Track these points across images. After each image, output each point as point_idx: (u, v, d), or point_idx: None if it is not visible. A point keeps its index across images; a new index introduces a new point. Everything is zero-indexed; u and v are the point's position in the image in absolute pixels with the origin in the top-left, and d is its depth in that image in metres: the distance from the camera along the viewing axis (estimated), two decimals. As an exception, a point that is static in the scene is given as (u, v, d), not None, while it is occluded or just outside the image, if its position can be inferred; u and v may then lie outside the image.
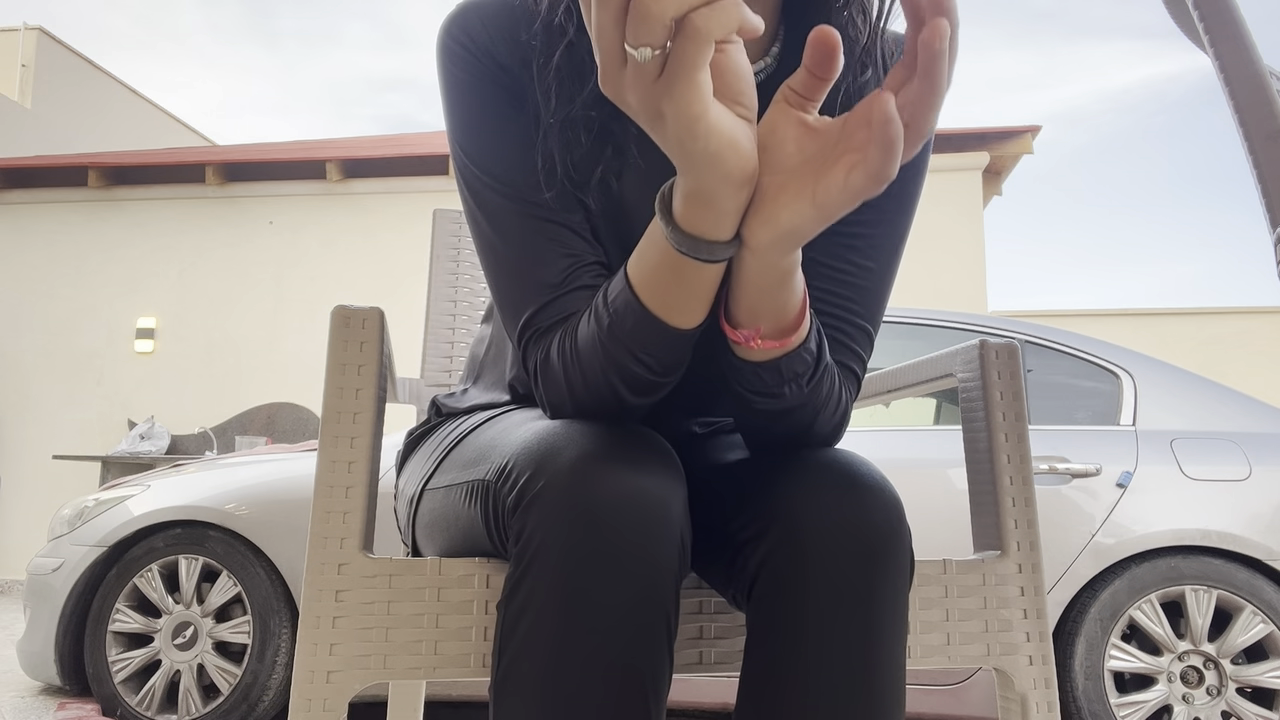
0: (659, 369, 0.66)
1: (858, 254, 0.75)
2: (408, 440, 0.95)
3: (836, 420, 0.74)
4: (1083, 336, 2.67)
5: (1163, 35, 61.34)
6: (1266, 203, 0.52)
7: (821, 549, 0.63)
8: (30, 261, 6.72)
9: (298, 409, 6.21)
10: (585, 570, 0.58)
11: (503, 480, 0.65)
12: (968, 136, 5.97)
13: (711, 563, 0.73)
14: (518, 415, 0.80)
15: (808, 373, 0.67)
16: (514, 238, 0.71)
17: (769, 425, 0.72)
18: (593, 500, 0.58)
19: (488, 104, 0.72)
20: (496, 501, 0.66)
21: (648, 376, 0.66)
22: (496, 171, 0.71)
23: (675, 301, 0.62)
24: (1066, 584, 2.30)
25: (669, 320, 0.63)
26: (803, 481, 0.66)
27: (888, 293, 0.78)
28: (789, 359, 0.65)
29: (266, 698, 2.42)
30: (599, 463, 0.60)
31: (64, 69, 10.58)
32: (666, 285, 0.61)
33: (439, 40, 0.74)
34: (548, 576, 0.58)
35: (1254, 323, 7.29)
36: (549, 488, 0.60)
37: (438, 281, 1.43)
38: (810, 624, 0.62)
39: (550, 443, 0.62)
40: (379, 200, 6.47)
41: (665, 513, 0.60)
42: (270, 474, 2.60)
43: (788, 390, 0.67)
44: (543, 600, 0.58)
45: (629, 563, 0.58)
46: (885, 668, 0.63)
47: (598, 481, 0.59)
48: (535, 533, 0.59)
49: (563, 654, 0.57)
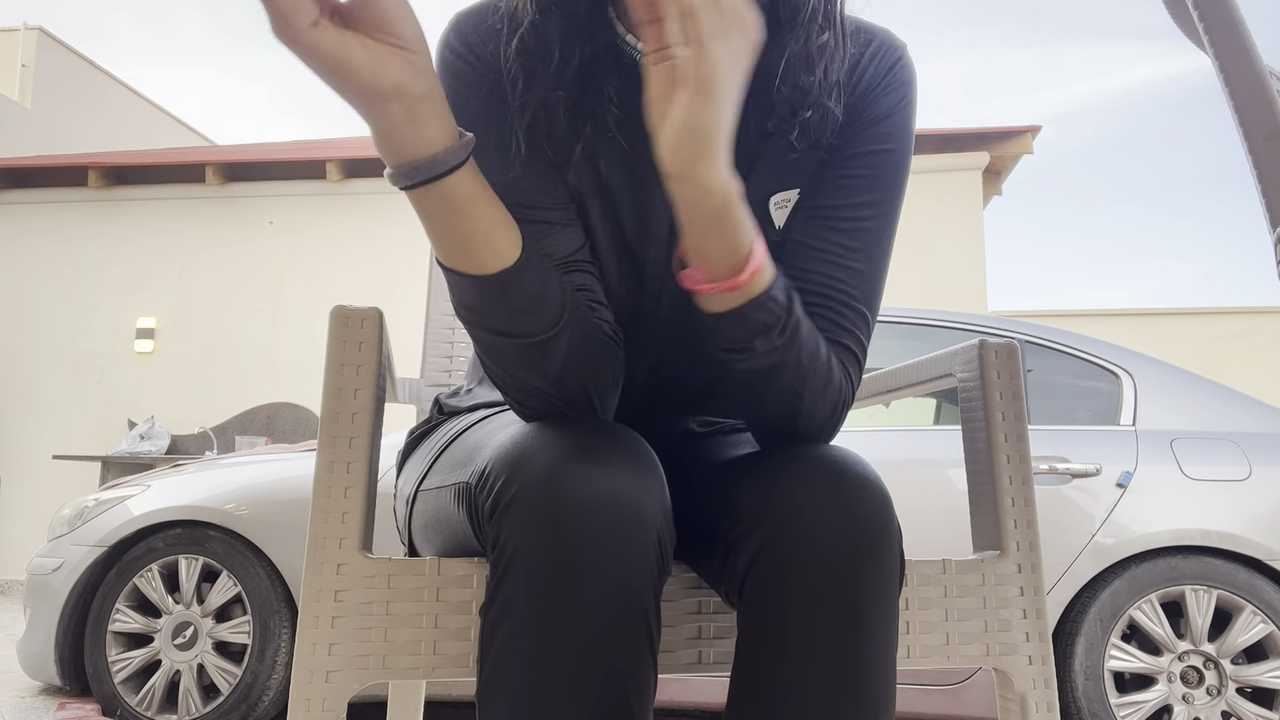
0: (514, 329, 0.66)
1: (842, 235, 0.74)
2: (409, 439, 0.95)
3: (831, 401, 0.72)
4: (1083, 336, 2.67)
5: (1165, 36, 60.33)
6: (1266, 203, 0.52)
7: (807, 547, 0.63)
8: (30, 261, 6.72)
9: (298, 409, 6.21)
10: (559, 575, 0.58)
11: (481, 484, 0.65)
12: (968, 136, 5.97)
13: (706, 560, 0.73)
14: (506, 416, 0.81)
15: (777, 325, 0.66)
16: None
17: (757, 396, 0.70)
18: (565, 505, 0.58)
19: (485, 113, 0.72)
20: (477, 505, 0.66)
21: (510, 343, 0.66)
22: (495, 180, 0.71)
23: (448, 245, 0.64)
24: (1066, 584, 2.30)
25: (466, 269, 0.64)
26: (790, 478, 0.66)
27: (881, 277, 0.77)
28: (752, 308, 0.65)
29: (266, 698, 2.42)
30: (571, 466, 0.60)
31: (64, 69, 10.57)
32: (433, 233, 0.64)
33: (437, 53, 0.74)
34: (523, 583, 0.58)
35: (1254, 323, 7.29)
36: (522, 493, 0.60)
37: (438, 281, 1.43)
38: (796, 623, 0.62)
39: (524, 446, 0.62)
40: (379, 200, 6.46)
41: (639, 515, 0.60)
42: (270, 474, 2.60)
43: (758, 344, 0.66)
44: (519, 607, 0.58)
45: (602, 566, 0.58)
46: (873, 667, 0.62)
47: (570, 486, 0.59)
48: (510, 539, 0.59)
49: (541, 660, 0.57)
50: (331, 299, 6.35)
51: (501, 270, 0.64)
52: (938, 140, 5.91)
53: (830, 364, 0.71)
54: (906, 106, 0.77)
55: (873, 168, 0.75)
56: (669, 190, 0.61)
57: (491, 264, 0.64)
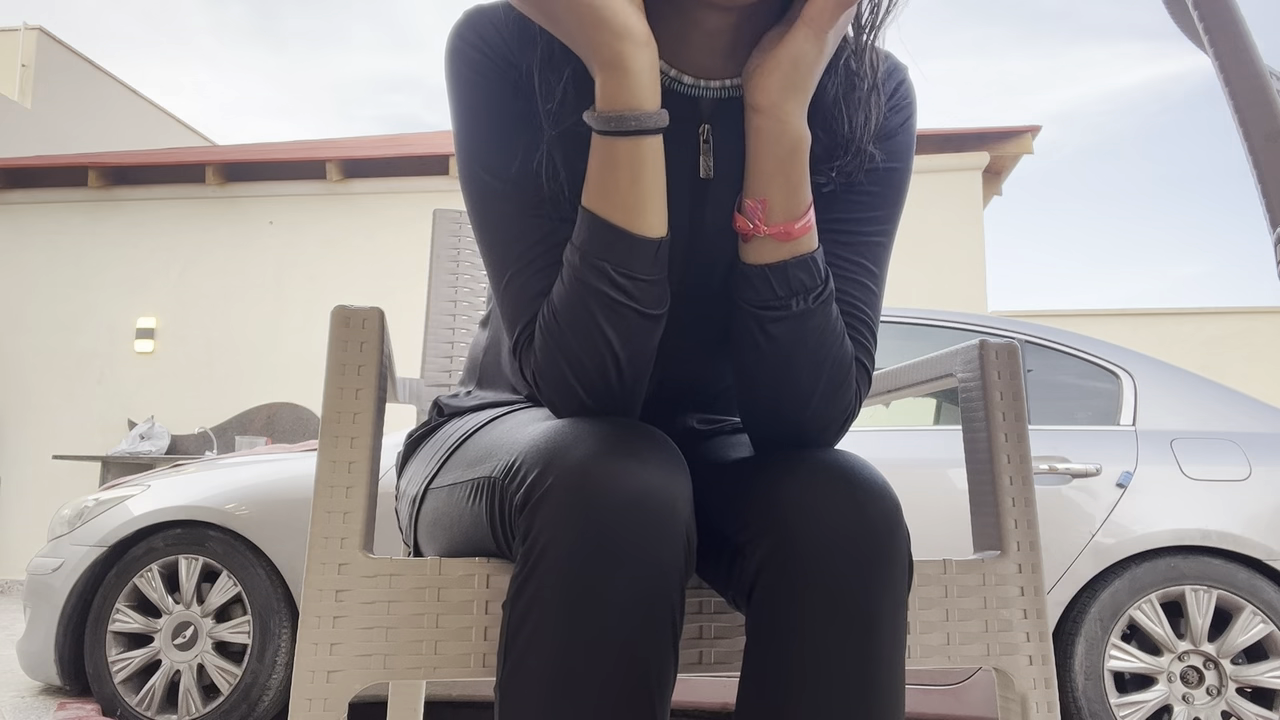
0: (639, 295, 0.67)
1: (849, 249, 0.75)
2: (408, 441, 0.94)
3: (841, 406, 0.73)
4: (1083, 336, 2.67)
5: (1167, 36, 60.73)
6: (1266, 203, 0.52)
7: (819, 553, 0.63)
8: (30, 261, 6.72)
9: (298, 409, 6.21)
10: (592, 568, 0.58)
11: (510, 478, 0.65)
12: (968, 136, 5.97)
13: (711, 563, 0.73)
14: (525, 414, 0.80)
15: (815, 288, 0.69)
16: (515, 242, 0.71)
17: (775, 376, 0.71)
18: (600, 499, 0.59)
19: (497, 103, 0.72)
20: (503, 499, 0.66)
21: (630, 305, 0.67)
22: (503, 173, 0.71)
23: (626, 200, 0.65)
24: (1066, 584, 2.30)
25: (628, 225, 0.65)
26: (801, 483, 0.66)
27: (883, 292, 0.78)
28: (796, 265, 0.68)
29: (266, 698, 2.42)
30: (607, 461, 0.60)
31: (64, 69, 10.57)
32: (613, 184, 0.65)
33: (449, 44, 0.74)
34: (555, 574, 0.58)
35: (1254, 323, 7.29)
36: (557, 486, 0.60)
37: (438, 281, 1.44)
38: (808, 629, 0.62)
39: (559, 441, 0.62)
40: (379, 200, 6.46)
41: (672, 511, 0.60)
42: (270, 474, 2.60)
43: (795, 304, 0.68)
44: (549, 598, 0.58)
45: (636, 561, 0.58)
46: (884, 672, 0.62)
47: (605, 480, 0.59)
48: (543, 531, 0.59)
49: (569, 651, 0.57)
50: (331, 299, 6.35)
51: (659, 237, 0.67)
52: (938, 140, 5.91)
53: (850, 362, 0.72)
54: (910, 127, 0.80)
55: (880, 185, 0.77)
56: (751, 124, 0.66)
57: (654, 228, 0.67)
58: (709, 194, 0.75)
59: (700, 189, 0.75)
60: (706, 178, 0.74)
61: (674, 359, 0.81)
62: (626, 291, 0.66)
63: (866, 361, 0.76)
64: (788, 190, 0.67)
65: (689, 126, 0.74)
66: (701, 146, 0.74)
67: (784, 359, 0.70)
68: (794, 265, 0.68)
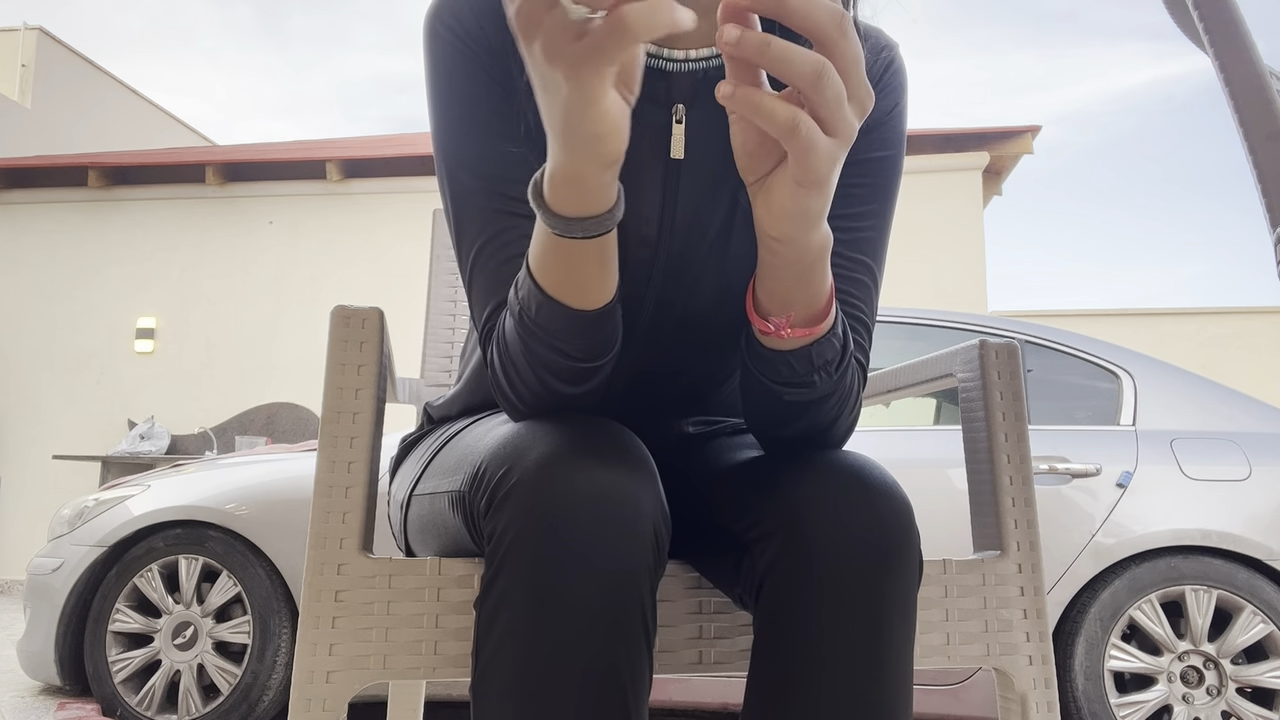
0: (580, 354, 0.65)
1: (843, 245, 0.74)
2: (401, 446, 0.95)
3: (853, 419, 0.73)
4: (1083, 336, 2.67)
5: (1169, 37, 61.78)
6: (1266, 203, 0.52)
7: (831, 553, 0.62)
8: (30, 261, 6.72)
9: (298, 409, 6.21)
10: (555, 568, 0.57)
11: (475, 485, 0.65)
12: (968, 136, 5.97)
13: (716, 563, 0.72)
14: (494, 419, 0.80)
15: (836, 359, 0.66)
16: (484, 231, 0.70)
17: (789, 421, 0.70)
18: (560, 498, 0.58)
19: (472, 91, 0.71)
20: (472, 507, 0.66)
21: (571, 364, 0.65)
22: (474, 163, 0.70)
23: (571, 283, 0.61)
24: (1066, 584, 2.30)
25: (570, 303, 0.62)
26: (812, 483, 0.65)
27: (879, 288, 0.77)
28: (820, 345, 0.65)
29: (266, 698, 2.42)
30: (566, 460, 0.59)
31: (64, 69, 10.57)
32: (559, 268, 0.61)
33: (426, 26, 0.72)
34: (518, 576, 0.58)
35: (1254, 323, 7.28)
36: (517, 487, 0.59)
37: (438, 281, 1.43)
38: (819, 629, 0.62)
39: (518, 443, 0.62)
40: (379, 200, 6.46)
41: (634, 508, 0.59)
42: (270, 474, 2.60)
43: (818, 379, 0.66)
44: (514, 600, 0.58)
45: (598, 560, 0.58)
46: (894, 673, 0.62)
47: (565, 480, 0.58)
48: (506, 532, 0.59)
49: (536, 653, 0.57)
50: (331, 299, 6.35)
51: (602, 306, 0.64)
52: (938, 140, 5.91)
53: (856, 377, 0.71)
54: (901, 111, 0.77)
55: (871, 175, 0.75)
56: (767, 247, 0.60)
57: (598, 301, 0.63)
58: (682, 175, 0.72)
59: (674, 170, 0.72)
60: (679, 159, 0.72)
61: (650, 367, 0.80)
62: (564, 353, 0.64)
63: (863, 359, 0.75)
64: (810, 295, 0.62)
65: (663, 107, 0.71)
66: (674, 127, 0.71)
67: (800, 411, 0.70)
68: (817, 346, 0.65)
